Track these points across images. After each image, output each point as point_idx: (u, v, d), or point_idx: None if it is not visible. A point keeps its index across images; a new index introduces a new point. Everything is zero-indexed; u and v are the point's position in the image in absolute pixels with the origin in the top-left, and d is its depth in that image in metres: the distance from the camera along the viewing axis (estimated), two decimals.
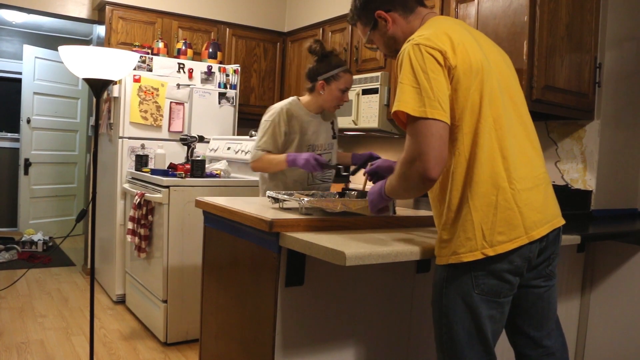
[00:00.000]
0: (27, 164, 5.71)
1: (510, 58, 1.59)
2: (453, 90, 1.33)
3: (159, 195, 3.09)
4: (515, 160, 1.38)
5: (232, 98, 4.13)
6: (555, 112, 2.54)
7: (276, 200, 1.89)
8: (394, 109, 1.32)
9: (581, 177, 2.68)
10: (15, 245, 5.07)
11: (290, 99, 2.50)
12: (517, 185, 1.36)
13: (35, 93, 5.73)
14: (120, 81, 3.73)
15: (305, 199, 1.76)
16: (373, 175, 1.91)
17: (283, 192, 1.96)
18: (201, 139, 3.56)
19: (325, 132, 2.54)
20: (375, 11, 1.52)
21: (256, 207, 1.86)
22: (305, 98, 2.50)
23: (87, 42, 6.50)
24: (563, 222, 1.48)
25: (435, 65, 1.31)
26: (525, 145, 1.43)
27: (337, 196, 2.04)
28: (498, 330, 1.43)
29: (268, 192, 1.96)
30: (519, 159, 1.39)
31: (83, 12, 4.42)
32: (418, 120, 1.29)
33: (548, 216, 1.42)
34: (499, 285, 1.36)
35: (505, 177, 1.35)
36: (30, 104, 5.69)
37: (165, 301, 3.07)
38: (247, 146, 3.47)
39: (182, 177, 3.16)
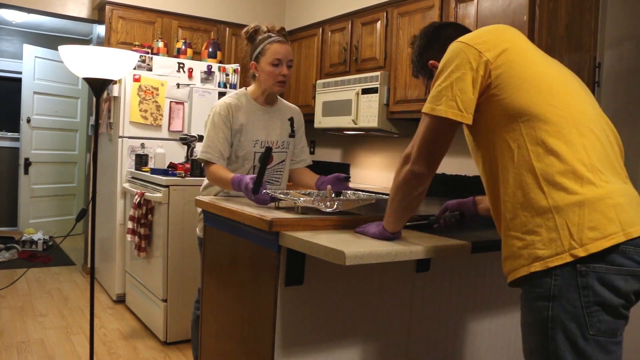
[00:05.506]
0: (27, 163, 5.71)
1: None
2: (493, 87, 1.25)
3: (158, 194, 3.09)
4: (602, 159, 1.21)
5: None
6: None
7: (272, 199, 1.90)
8: (423, 109, 1.31)
9: None
10: (15, 245, 5.08)
11: (239, 90, 2.30)
12: (606, 179, 1.19)
13: (35, 92, 5.73)
14: (120, 81, 3.73)
15: (302, 198, 1.76)
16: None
17: (279, 191, 1.96)
18: (201, 138, 3.55)
19: (280, 129, 2.29)
20: (429, 61, 1.51)
21: (256, 206, 1.86)
22: (251, 88, 2.28)
23: (87, 42, 6.50)
24: None
25: (468, 63, 1.25)
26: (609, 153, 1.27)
27: (334, 196, 2.04)
28: None
29: (264, 191, 1.96)
30: (604, 162, 1.22)
31: (83, 11, 4.43)
32: (429, 115, 1.29)
33: None
34: (614, 322, 1.16)
35: (590, 170, 1.18)
36: (30, 104, 5.69)
37: (165, 300, 3.08)
38: None
39: (182, 177, 3.16)
